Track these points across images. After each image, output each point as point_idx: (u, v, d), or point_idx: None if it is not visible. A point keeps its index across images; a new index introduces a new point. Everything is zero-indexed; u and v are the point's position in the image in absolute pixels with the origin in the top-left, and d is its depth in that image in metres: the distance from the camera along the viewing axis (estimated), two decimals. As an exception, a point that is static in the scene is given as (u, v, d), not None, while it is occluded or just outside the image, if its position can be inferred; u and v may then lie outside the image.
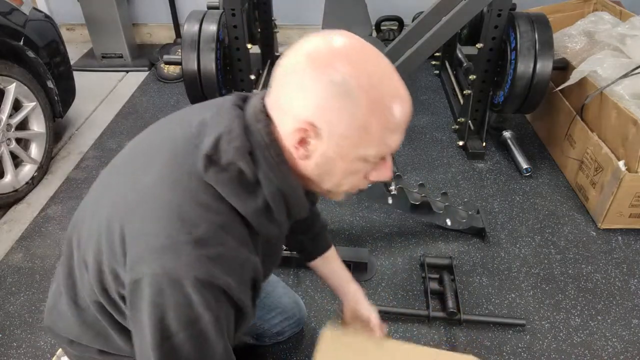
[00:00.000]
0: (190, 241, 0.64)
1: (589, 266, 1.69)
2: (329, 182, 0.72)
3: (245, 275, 0.69)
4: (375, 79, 0.65)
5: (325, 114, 0.64)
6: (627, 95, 1.77)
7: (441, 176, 2.14)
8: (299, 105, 0.65)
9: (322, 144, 0.67)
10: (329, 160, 0.68)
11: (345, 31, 0.69)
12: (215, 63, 2.01)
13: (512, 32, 1.99)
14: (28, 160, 2.08)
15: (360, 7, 2.55)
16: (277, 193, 0.69)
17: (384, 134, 0.66)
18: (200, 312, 0.64)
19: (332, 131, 0.65)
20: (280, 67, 0.68)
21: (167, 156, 0.72)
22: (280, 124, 0.68)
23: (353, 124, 0.64)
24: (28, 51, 2.02)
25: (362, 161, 0.69)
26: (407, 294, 1.59)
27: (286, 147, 0.69)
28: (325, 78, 0.63)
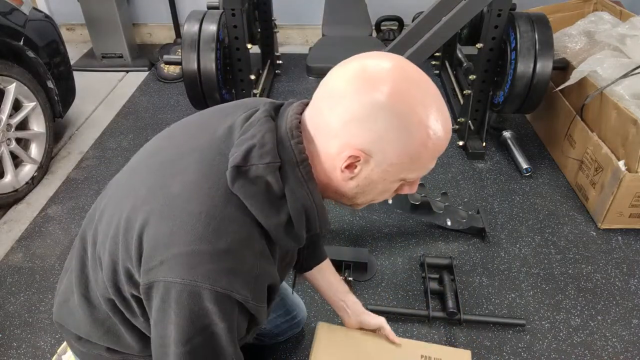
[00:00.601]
0: (211, 252, 0.64)
1: (589, 266, 1.69)
2: (364, 198, 0.75)
3: (261, 287, 0.70)
4: (429, 110, 0.65)
5: (381, 144, 0.65)
6: (627, 95, 1.77)
7: (441, 176, 2.14)
8: (353, 133, 0.65)
9: (368, 169, 0.68)
10: (371, 183, 0.70)
11: (395, 55, 0.69)
12: (215, 63, 2.01)
13: (512, 32, 1.99)
14: (28, 160, 2.08)
15: (360, 7, 2.55)
16: (301, 209, 0.69)
17: (427, 161, 0.68)
18: (215, 320, 0.66)
19: (384, 160, 0.66)
20: (329, 87, 0.67)
21: (192, 164, 0.71)
22: (324, 144, 0.68)
23: (405, 154, 0.66)
24: (28, 51, 2.02)
25: (399, 182, 0.71)
26: (407, 294, 1.59)
27: (325, 167, 0.70)
28: (382, 108, 0.63)
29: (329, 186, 0.72)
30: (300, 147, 0.68)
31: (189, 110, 2.47)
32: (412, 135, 0.64)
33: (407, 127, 0.64)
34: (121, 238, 0.72)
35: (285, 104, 0.76)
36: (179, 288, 0.64)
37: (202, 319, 0.65)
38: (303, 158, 0.68)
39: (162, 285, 0.65)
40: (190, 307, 0.65)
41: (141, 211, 0.70)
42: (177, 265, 0.65)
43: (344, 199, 0.76)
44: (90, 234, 0.83)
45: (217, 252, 0.64)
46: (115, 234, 0.74)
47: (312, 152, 0.70)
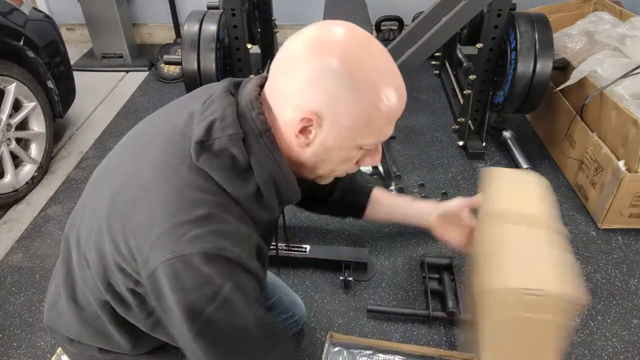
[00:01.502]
0: (191, 220, 0.64)
1: (589, 266, 1.69)
2: (323, 169, 0.74)
3: (251, 249, 0.69)
4: (381, 73, 0.66)
5: (332, 105, 0.65)
6: (627, 95, 1.77)
7: (441, 176, 2.14)
8: (305, 95, 0.65)
9: (322, 133, 0.68)
10: (327, 149, 0.70)
11: (348, 23, 0.69)
12: (215, 63, 2.01)
13: (512, 32, 1.99)
14: (28, 160, 2.08)
15: (360, 7, 2.55)
16: (269, 179, 0.70)
17: (383, 125, 0.68)
18: (219, 282, 0.64)
19: (336, 122, 0.66)
20: (284, 55, 0.68)
21: (158, 149, 0.72)
22: (281, 111, 0.69)
23: (358, 116, 0.66)
24: (28, 51, 2.02)
25: (357, 149, 0.71)
26: (407, 294, 1.59)
27: (283, 134, 0.70)
28: (331, 69, 0.63)
29: (290, 157, 0.72)
30: (262, 118, 0.69)
31: (189, 110, 2.46)
32: (364, 97, 0.64)
33: (358, 89, 0.64)
34: (106, 233, 0.72)
35: (245, 80, 0.77)
36: (170, 263, 0.64)
37: (204, 287, 0.63)
38: (265, 128, 0.69)
39: (160, 269, 0.64)
40: (189, 278, 0.63)
41: (118, 202, 0.71)
42: (164, 244, 0.64)
43: (305, 171, 0.75)
44: (74, 235, 0.83)
45: (197, 219, 0.64)
46: (99, 231, 0.74)
47: (272, 122, 0.70)
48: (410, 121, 2.55)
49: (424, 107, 2.68)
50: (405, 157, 2.27)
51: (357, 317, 1.51)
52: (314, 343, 1.43)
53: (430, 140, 2.40)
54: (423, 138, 2.42)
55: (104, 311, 0.81)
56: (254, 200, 0.70)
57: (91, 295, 0.81)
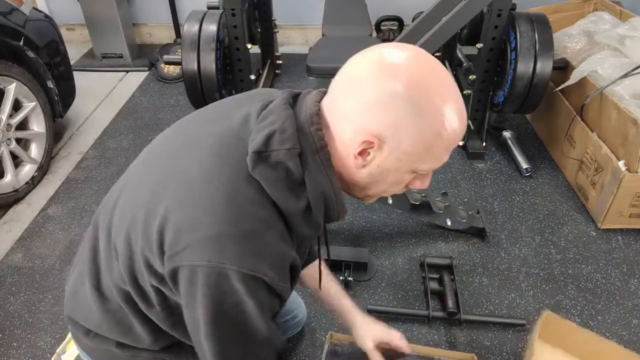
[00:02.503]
0: (235, 234, 0.65)
1: (589, 266, 1.69)
2: (375, 189, 0.75)
3: (285, 268, 0.71)
4: (446, 101, 0.65)
5: (395, 130, 0.65)
6: (627, 95, 1.77)
7: (441, 176, 2.14)
8: (367, 118, 0.65)
9: (381, 156, 0.68)
10: (383, 172, 0.70)
11: (415, 46, 0.69)
12: (215, 63, 2.01)
13: (512, 32, 1.99)
14: (28, 160, 2.08)
15: (360, 7, 2.55)
16: (320, 196, 0.70)
17: (442, 152, 0.69)
18: (245, 299, 0.67)
19: (397, 147, 0.66)
20: (347, 73, 0.68)
21: (211, 148, 0.72)
22: (339, 130, 0.69)
23: (420, 143, 0.66)
24: (28, 51, 2.02)
25: (412, 174, 0.71)
26: (407, 294, 1.59)
27: (339, 152, 0.70)
28: (396, 94, 0.63)
29: (342, 175, 0.73)
30: (320, 134, 0.69)
31: (189, 110, 2.45)
32: (427, 124, 0.64)
33: (423, 115, 0.64)
34: (140, 226, 0.72)
35: (304, 93, 0.77)
36: (206, 270, 0.65)
37: (230, 297, 0.66)
38: (322, 145, 0.69)
39: (188, 269, 0.66)
40: (219, 288, 0.66)
41: (160, 197, 0.71)
42: (203, 248, 0.65)
43: (355, 190, 0.76)
44: (105, 223, 0.82)
45: (241, 233, 0.65)
46: (133, 222, 0.74)
47: (328, 139, 0.70)
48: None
49: (424, 107, 2.67)
50: (405, 157, 2.27)
51: (357, 317, 1.51)
52: (314, 343, 1.43)
53: (430, 140, 2.40)
54: (423, 138, 2.41)
55: (127, 303, 0.82)
56: (302, 216, 0.71)
57: (115, 286, 0.81)
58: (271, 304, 0.72)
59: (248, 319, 0.69)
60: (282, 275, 0.70)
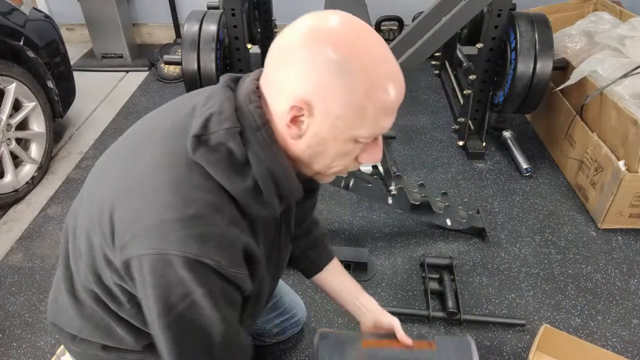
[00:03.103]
0: (179, 219, 0.64)
1: (589, 266, 1.69)
2: (320, 163, 0.72)
3: (235, 253, 0.69)
4: (374, 60, 0.64)
5: (322, 92, 0.63)
6: (627, 95, 1.77)
7: (441, 176, 2.14)
8: (295, 83, 0.64)
9: (315, 124, 0.66)
10: (321, 141, 0.68)
11: (342, 12, 0.68)
12: (215, 63, 2.01)
13: (512, 32, 1.99)
14: (28, 160, 2.08)
15: (360, 7, 2.55)
16: (267, 174, 0.68)
17: (378, 115, 0.66)
18: (192, 288, 0.65)
19: (327, 111, 0.65)
20: (277, 46, 0.67)
21: (158, 141, 0.72)
22: (275, 103, 0.68)
23: (349, 104, 0.64)
24: (28, 51, 2.02)
25: (353, 142, 0.69)
26: (407, 294, 1.59)
27: (279, 127, 0.69)
28: (323, 56, 0.62)
29: (286, 152, 0.71)
30: (260, 111, 0.68)
31: (189, 110, 2.47)
32: (355, 84, 0.63)
33: (349, 75, 0.62)
34: (97, 222, 0.72)
35: (244, 75, 0.76)
36: (151, 259, 0.64)
37: (178, 287, 0.65)
38: (264, 121, 0.68)
39: (137, 260, 0.66)
40: (165, 277, 0.64)
41: (111, 193, 0.71)
42: (148, 238, 0.65)
43: (302, 166, 0.74)
44: (72, 225, 0.83)
45: (185, 218, 0.64)
46: (92, 220, 0.74)
47: (269, 115, 0.69)
48: (410, 121, 2.55)
49: (424, 107, 2.68)
50: (405, 157, 2.27)
51: (357, 317, 1.51)
52: (314, 343, 1.43)
53: (430, 140, 2.40)
54: (423, 138, 2.42)
55: (98, 305, 0.81)
56: (252, 196, 0.69)
57: (84, 288, 0.81)
58: (226, 294, 0.70)
59: (200, 313, 0.67)
60: (232, 261, 0.68)
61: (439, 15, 1.58)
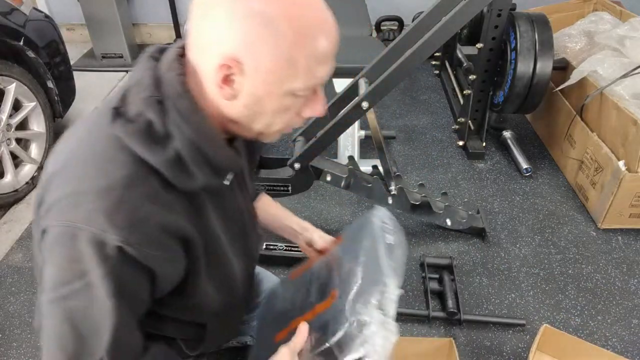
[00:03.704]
0: (91, 191, 0.62)
1: (589, 266, 1.69)
2: (260, 122, 0.69)
3: (149, 230, 0.64)
4: (300, 7, 0.61)
5: (248, 47, 0.61)
6: (627, 95, 1.77)
7: (441, 176, 2.14)
8: (219, 41, 0.61)
9: (248, 81, 0.63)
10: (257, 100, 0.65)
11: None
12: (215, 63, 2.01)
13: (512, 32, 1.99)
14: (28, 160, 2.08)
15: (360, 7, 2.55)
16: (189, 144, 0.65)
17: (311, 65, 0.63)
18: (90, 266, 0.62)
19: (258, 66, 0.62)
20: (197, 5, 0.64)
21: (89, 119, 0.71)
22: (203, 64, 0.64)
23: (278, 56, 0.61)
24: (28, 51, 2.02)
25: (291, 96, 0.66)
26: (407, 294, 1.59)
27: (206, 89, 0.66)
28: (246, 8, 0.59)
29: (222, 116, 0.68)
30: (181, 79, 0.65)
31: (189, 110, 2.47)
32: (282, 34, 0.60)
33: (274, 25, 0.60)
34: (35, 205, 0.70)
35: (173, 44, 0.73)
36: (58, 230, 0.62)
37: (76, 263, 0.62)
38: (185, 89, 0.65)
39: (48, 232, 0.63)
40: (66, 249, 0.62)
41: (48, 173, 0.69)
42: (60, 209, 0.63)
43: (242, 129, 0.71)
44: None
45: (97, 190, 0.62)
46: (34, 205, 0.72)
47: (196, 81, 0.66)
48: (410, 121, 2.55)
49: (424, 107, 2.68)
50: (405, 157, 2.27)
51: (357, 317, 1.51)
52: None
53: (430, 140, 2.40)
54: (423, 138, 2.42)
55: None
56: (175, 168, 0.65)
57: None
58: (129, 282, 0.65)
59: (94, 296, 0.62)
60: (144, 239, 0.63)
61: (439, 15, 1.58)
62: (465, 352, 1.40)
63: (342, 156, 2.05)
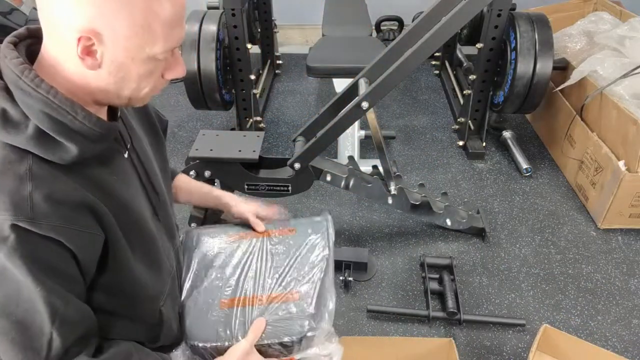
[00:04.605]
0: None
1: (589, 266, 1.69)
2: (128, 88, 0.72)
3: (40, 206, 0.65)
4: None
5: (104, 18, 0.63)
6: (627, 95, 1.77)
7: (441, 176, 2.14)
8: (74, 14, 0.63)
9: (109, 50, 0.66)
10: (121, 66, 0.68)
11: None
12: (215, 63, 2.01)
13: (512, 32, 1.99)
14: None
15: (360, 7, 2.55)
16: (42, 116, 0.67)
17: (164, 29, 0.67)
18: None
19: (116, 35, 0.65)
20: None
21: None
22: (60, 39, 0.66)
23: (134, 23, 0.65)
24: (28, 51, 2.02)
25: (153, 61, 0.69)
26: (407, 294, 1.59)
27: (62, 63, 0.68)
28: None
29: (92, 89, 0.70)
30: (16, 61, 0.66)
31: (189, 110, 2.47)
32: (131, 2, 0.63)
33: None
34: None
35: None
36: None
37: None
38: (22, 69, 0.66)
39: None
40: None
41: None
42: None
43: (112, 97, 0.73)
44: None
45: None
46: None
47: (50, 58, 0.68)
48: (410, 121, 2.55)
49: (424, 107, 2.68)
50: (405, 157, 2.27)
51: (357, 317, 1.51)
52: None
53: (430, 140, 2.40)
54: (423, 138, 2.42)
55: None
56: (42, 143, 0.67)
57: None
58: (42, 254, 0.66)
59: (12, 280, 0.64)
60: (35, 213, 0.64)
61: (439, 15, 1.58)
62: (465, 352, 1.40)
63: (342, 156, 2.05)
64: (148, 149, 0.91)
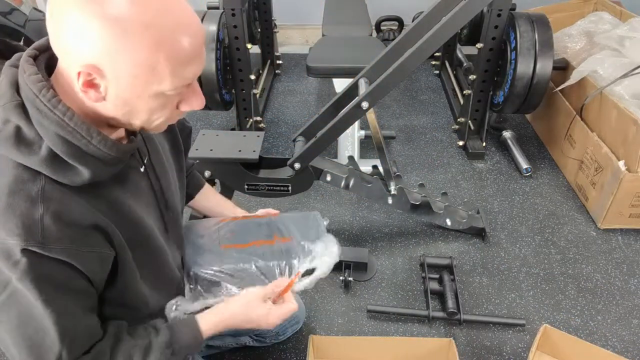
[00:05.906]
0: None
1: (589, 266, 1.69)
2: (139, 119, 0.70)
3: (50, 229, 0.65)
4: (156, 12, 0.61)
5: (107, 56, 0.61)
6: (627, 95, 1.77)
7: (441, 176, 2.14)
8: (77, 48, 0.61)
9: (112, 86, 0.64)
10: (126, 101, 0.66)
11: None
12: (215, 63, 2.01)
13: (512, 32, 1.99)
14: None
15: (360, 7, 2.55)
16: (56, 138, 0.65)
17: (175, 68, 0.64)
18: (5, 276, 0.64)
19: (118, 73, 0.62)
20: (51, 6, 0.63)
21: None
22: (67, 68, 0.65)
23: (138, 63, 0.62)
24: (28, 51, 2.02)
25: (162, 96, 0.67)
26: (407, 294, 1.59)
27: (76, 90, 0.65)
28: (98, 16, 0.59)
29: (99, 115, 0.68)
30: (34, 78, 0.65)
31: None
32: (136, 42, 0.60)
33: (127, 33, 0.59)
34: None
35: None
36: None
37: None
38: (40, 87, 0.64)
39: None
40: None
41: None
42: None
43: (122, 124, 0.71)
44: None
45: None
46: None
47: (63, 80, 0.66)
48: (410, 121, 2.55)
49: (424, 107, 2.68)
50: (405, 157, 2.27)
51: (357, 317, 1.51)
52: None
53: (430, 140, 2.40)
54: (423, 138, 2.42)
55: None
56: (54, 165, 0.65)
57: None
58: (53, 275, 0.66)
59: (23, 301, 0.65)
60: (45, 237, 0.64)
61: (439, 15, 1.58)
62: (465, 352, 1.40)
63: (342, 156, 2.05)
64: (167, 157, 0.89)
